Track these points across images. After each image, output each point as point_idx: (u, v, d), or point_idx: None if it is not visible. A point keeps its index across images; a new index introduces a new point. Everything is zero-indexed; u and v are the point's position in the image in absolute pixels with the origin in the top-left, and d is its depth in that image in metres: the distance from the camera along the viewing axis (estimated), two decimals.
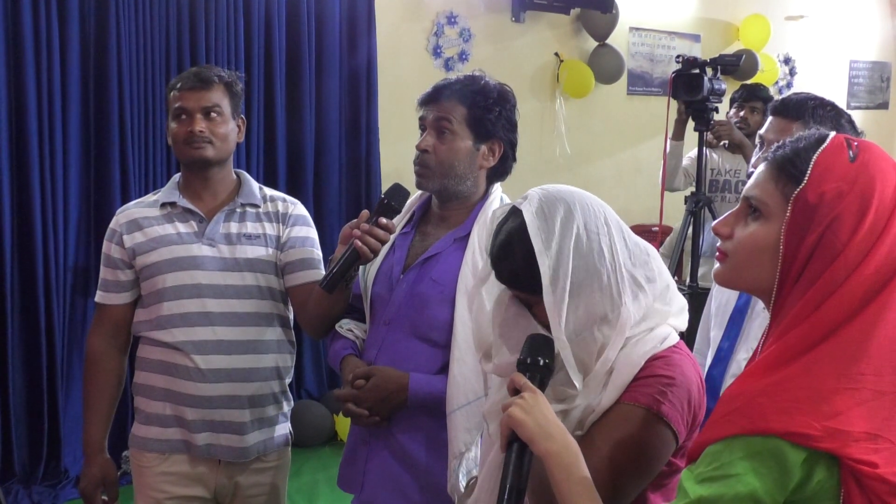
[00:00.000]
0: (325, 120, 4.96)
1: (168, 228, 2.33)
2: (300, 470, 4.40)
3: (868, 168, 1.18)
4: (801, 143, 1.23)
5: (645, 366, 1.44)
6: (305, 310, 2.31)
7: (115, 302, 2.38)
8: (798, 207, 1.18)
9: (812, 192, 1.17)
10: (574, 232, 1.44)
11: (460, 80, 2.11)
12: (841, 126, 2.06)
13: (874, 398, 1.11)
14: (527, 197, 1.50)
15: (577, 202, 1.48)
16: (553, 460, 1.32)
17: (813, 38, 7.80)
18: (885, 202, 1.16)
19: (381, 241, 2.03)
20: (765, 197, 1.23)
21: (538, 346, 1.46)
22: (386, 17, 5.24)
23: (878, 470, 1.09)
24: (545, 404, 1.37)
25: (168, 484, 2.34)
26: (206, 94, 2.30)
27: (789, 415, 1.10)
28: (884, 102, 8.75)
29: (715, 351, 2.19)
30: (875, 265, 1.15)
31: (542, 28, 6.07)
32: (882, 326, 1.14)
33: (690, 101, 4.32)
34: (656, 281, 1.49)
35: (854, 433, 1.09)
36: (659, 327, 1.49)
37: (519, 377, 1.42)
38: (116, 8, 4.15)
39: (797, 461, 1.10)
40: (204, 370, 2.27)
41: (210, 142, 2.29)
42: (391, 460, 2.08)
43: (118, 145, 4.22)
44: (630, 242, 1.50)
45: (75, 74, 4.11)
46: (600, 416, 1.43)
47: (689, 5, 6.91)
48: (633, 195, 6.38)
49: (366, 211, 2.09)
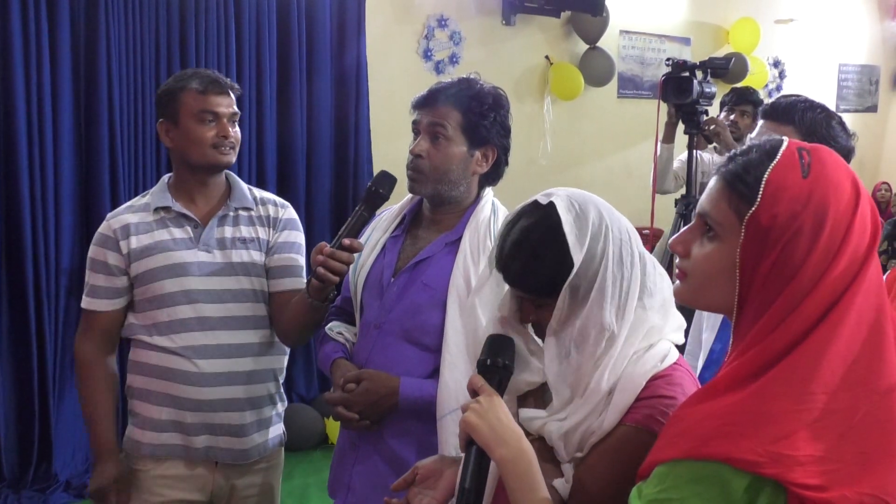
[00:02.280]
0: (316, 121, 4.96)
1: (163, 234, 2.32)
2: (291, 473, 4.38)
3: (821, 183, 1.14)
4: (752, 156, 1.18)
5: (647, 386, 1.40)
6: (282, 317, 2.32)
7: (106, 308, 2.36)
8: (751, 230, 1.14)
9: (765, 215, 1.13)
10: (605, 234, 1.41)
11: (455, 84, 2.09)
12: (832, 128, 2.05)
13: (824, 417, 1.08)
14: (551, 194, 1.46)
15: (604, 206, 1.46)
16: (507, 467, 1.31)
17: (802, 42, 7.84)
18: (841, 218, 1.13)
19: (345, 263, 2.02)
20: (719, 217, 1.19)
21: (498, 346, 1.44)
22: (376, 20, 5.24)
23: (825, 494, 1.05)
24: (500, 407, 1.36)
25: (164, 487, 2.34)
26: (231, 100, 2.33)
27: (732, 440, 1.08)
28: (872, 106, 8.80)
29: (707, 353, 2.19)
30: (831, 282, 1.11)
31: (532, 31, 6.07)
32: (835, 343, 1.10)
33: (680, 104, 4.33)
34: (656, 295, 1.46)
35: (800, 457, 1.06)
36: (659, 344, 1.45)
37: (477, 379, 1.41)
38: (106, 9, 4.13)
39: (740, 488, 1.07)
40: (205, 374, 2.27)
41: (234, 147, 2.33)
42: (380, 464, 2.07)
43: (108, 147, 4.20)
44: (644, 252, 1.48)
45: (65, 76, 4.10)
46: (602, 437, 1.39)
47: (679, 9, 6.94)
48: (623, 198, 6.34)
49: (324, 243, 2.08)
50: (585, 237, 1.40)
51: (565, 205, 1.43)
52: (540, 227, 1.43)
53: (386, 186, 2.10)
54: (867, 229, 1.15)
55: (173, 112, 2.30)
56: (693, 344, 2.37)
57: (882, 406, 1.11)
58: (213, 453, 2.32)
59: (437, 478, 1.62)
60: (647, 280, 1.45)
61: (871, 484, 1.07)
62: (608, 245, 1.41)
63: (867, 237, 1.14)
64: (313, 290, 2.11)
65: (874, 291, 1.14)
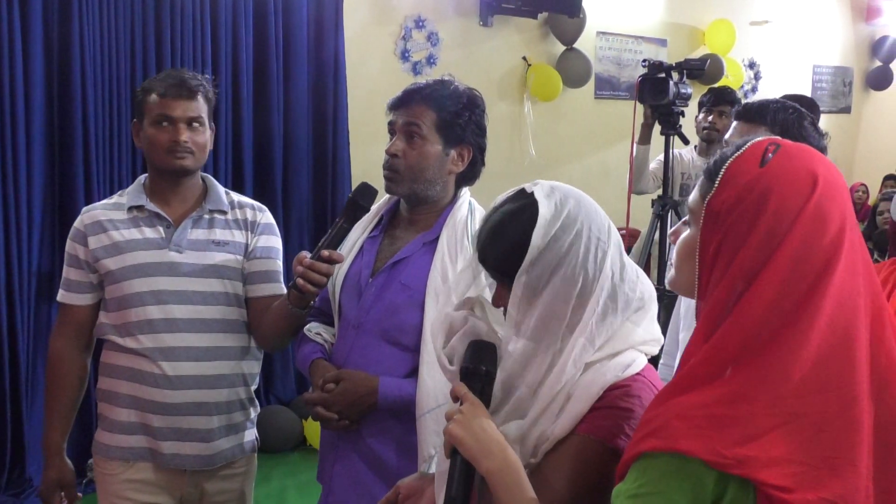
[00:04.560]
0: (294, 122, 4.94)
1: (134, 233, 2.30)
2: (269, 475, 4.37)
3: (773, 172, 1.16)
4: (728, 152, 1.23)
5: (603, 395, 1.38)
6: (261, 322, 2.31)
7: (78, 303, 2.35)
8: (707, 214, 1.19)
9: (716, 199, 1.18)
10: (578, 228, 1.40)
11: (430, 84, 2.10)
12: (804, 128, 2.08)
13: (793, 420, 1.10)
14: (538, 183, 1.46)
15: (586, 203, 1.46)
16: (493, 479, 1.31)
17: (777, 43, 7.91)
18: (787, 207, 1.14)
19: (324, 274, 2.03)
20: (692, 205, 1.25)
21: (480, 353, 1.43)
22: (354, 21, 5.23)
23: (790, 496, 1.07)
24: (484, 417, 1.35)
25: (132, 491, 2.31)
26: (191, 103, 2.28)
27: (702, 440, 1.09)
28: (846, 107, 8.89)
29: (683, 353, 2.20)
30: (779, 275, 1.12)
31: (510, 32, 6.09)
32: (806, 346, 1.11)
33: (657, 105, 4.36)
34: (631, 304, 1.44)
35: (766, 458, 1.08)
36: (624, 353, 1.42)
37: (460, 387, 1.40)
38: (80, 8, 4.09)
39: (710, 482, 1.10)
40: (171, 377, 2.25)
41: (192, 152, 2.28)
42: (360, 464, 2.07)
43: (82, 148, 4.16)
44: (626, 261, 1.47)
45: (38, 75, 4.05)
46: (554, 445, 1.37)
47: (655, 10, 6.98)
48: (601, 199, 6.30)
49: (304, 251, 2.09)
50: (554, 225, 1.39)
51: (545, 192, 1.43)
52: (517, 211, 1.43)
53: (367, 199, 2.10)
54: (826, 224, 1.14)
55: (141, 114, 2.31)
56: (671, 344, 2.39)
57: (850, 412, 1.12)
58: (179, 460, 2.29)
59: (419, 496, 1.62)
60: (622, 287, 1.43)
61: (833, 490, 1.09)
62: (578, 240, 1.40)
63: (827, 233, 1.14)
64: (293, 299, 2.12)
65: (848, 296, 1.14)
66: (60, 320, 2.40)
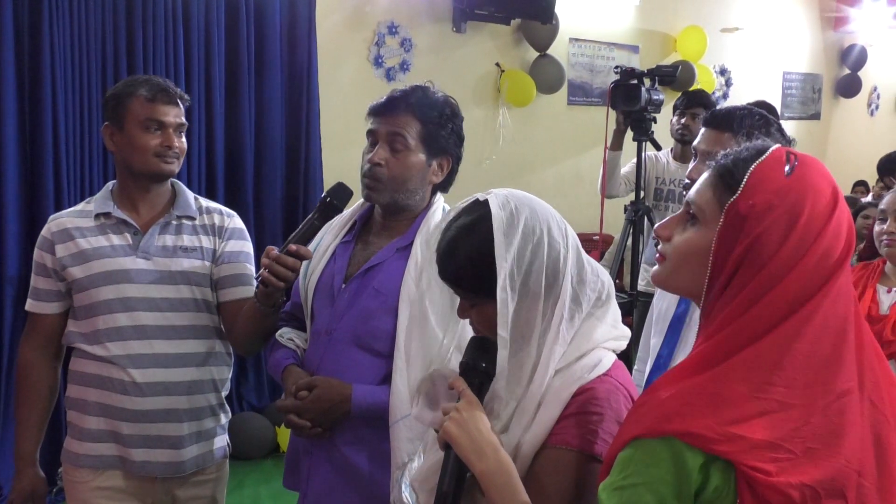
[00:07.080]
0: (266, 127, 4.92)
1: (101, 241, 2.29)
2: (242, 482, 4.35)
3: (802, 183, 1.19)
4: (744, 154, 1.25)
5: (571, 402, 1.38)
6: (235, 326, 2.30)
7: (47, 311, 2.33)
8: (730, 217, 1.20)
9: (743, 203, 1.19)
10: (537, 236, 1.41)
11: (413, 93, 2.07)
12: (770, 135, 2.10)
13: (780, 409, 1.13)
14: (491, 193, 1.45)
15: (541, 208, 1.46)
16: (486, 480, 1.32)
17: (748, 50, 7.99)
18: (815, 219, 1.18)
19: (290, 268, 2.02)
20: (702, 203, 1.26)
21: (480, 349, 1.44)
22: (326, 26, 5.22)
23: (772, 479, 1.09)
24: (480, 417, 1.36)
25: (103, 499, 2.30)
26: (178, 110, 2.32)
27: (689, 418, 1.12)
28: (816, 113, 8.99)
29: (654, 358, 2.22)
30: (800, 280, 1.16)
31: (483, 38, 6.11)
32: (800, 340, 1.15)
33: (629, 112, 4.38)
34: (594, 303, 1.45)
35: (752, 440, 1.10)
36: (590, 354, 1.43)
37: (459, 382, 1.41)
38: (50, 13, 4.05)
39: (695, 467, 1.11)
40: (140, 384, 2.23)
41: (178, 157, 2.32)
42: (333, 472, 2.06)
43: (52, 153, 4.11)
44: (584, 260, 1.47)
45: (9, 81, 4.00)
46: (531, 462, 1.37)
47: (627, 17, 7.02)
48: (574, 204, 6.44)
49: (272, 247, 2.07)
50: (514, 237, 1.39)
51: (500, 202, 1.43)
52: (471, 226, 1.43)
53: (341, 199, 2.10)
54: (841, 237, 1.19)
55: (119, 117, 2.28)
56: (643, 349, 2.40)
57: (834, 408, 1.15)
58: (149, 468, 2.28)
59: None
60: (583, 289, 1.44)
61: (813, 476, 1.11)
62: (540, 247, 1.41)
63: (840, 245, 1.19)
64: (261, 296, 2.10)
65: (843, 299, 1.19)
66: (29, 329, 2.38)
